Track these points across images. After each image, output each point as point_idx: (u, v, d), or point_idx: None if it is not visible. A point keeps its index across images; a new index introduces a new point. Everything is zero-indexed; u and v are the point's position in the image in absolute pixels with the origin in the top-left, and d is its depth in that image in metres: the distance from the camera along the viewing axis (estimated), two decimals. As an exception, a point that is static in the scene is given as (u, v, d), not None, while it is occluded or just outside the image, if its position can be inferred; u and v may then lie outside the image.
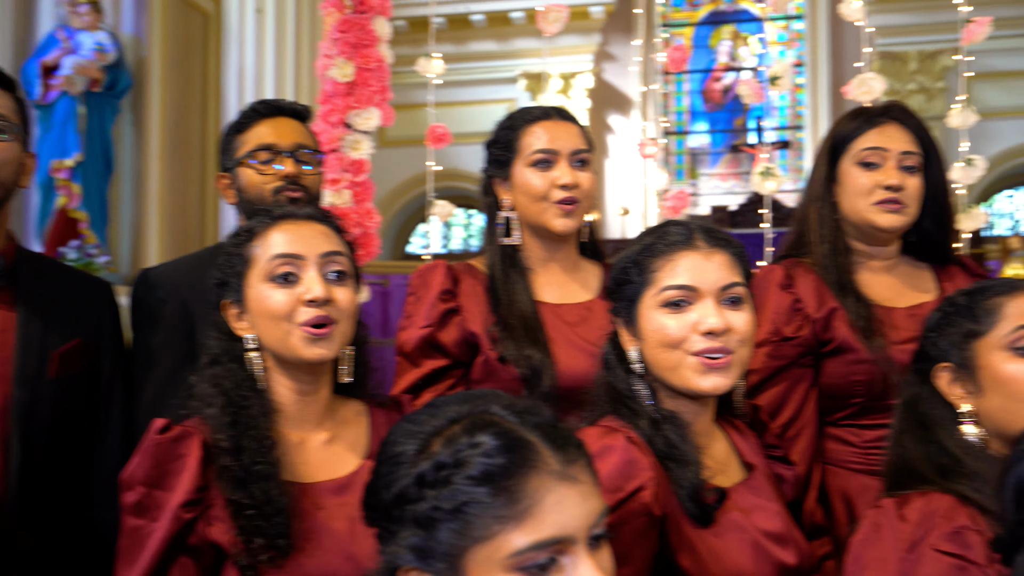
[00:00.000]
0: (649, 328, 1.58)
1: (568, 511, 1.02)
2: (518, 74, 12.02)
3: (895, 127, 2.13)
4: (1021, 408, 1.43)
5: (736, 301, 1.58)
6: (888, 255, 2.18)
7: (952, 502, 1.40)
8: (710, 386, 1.55)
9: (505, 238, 2.17)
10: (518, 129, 2.16)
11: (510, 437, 1.03)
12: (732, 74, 12.68)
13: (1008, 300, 1.49)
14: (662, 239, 1.61)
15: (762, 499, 1.63)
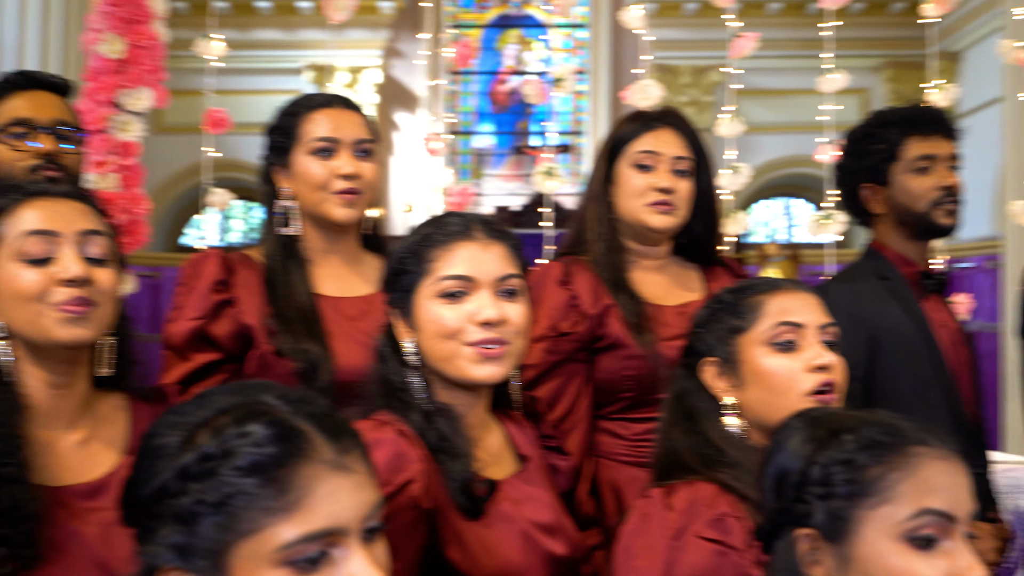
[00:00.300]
0: (425, 318, 1.57)
1: (341, 502, 0.98)
2: (303, 65, 11.76)
3: (670, 132, 2.21)
4: (779, 400, 1.51)
5: (512, 293, 1.59)
6: (659, 255, 2.27)
7: (715, 490, 1.46)
8: (484, 375, 1.55)
9: (284, 228, 2.10)
10: (299, 116, 2.10)
11: (281, 426, 0.98)
12: (518, 77, 12.92)
13: (768, 298, 1.57)
14: (440, 229, 1.60)
15: (534, 490, 1.64)
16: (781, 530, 1.15)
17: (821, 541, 1.13)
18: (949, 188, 2.29)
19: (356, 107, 2.16)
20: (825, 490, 1.12)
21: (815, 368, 1.51)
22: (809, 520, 1.12)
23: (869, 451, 1.12)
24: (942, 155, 2.31)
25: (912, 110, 2.35)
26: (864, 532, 1.10)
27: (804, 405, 1.48)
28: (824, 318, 1.57)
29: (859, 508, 1.10)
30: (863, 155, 2.36)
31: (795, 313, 1.55)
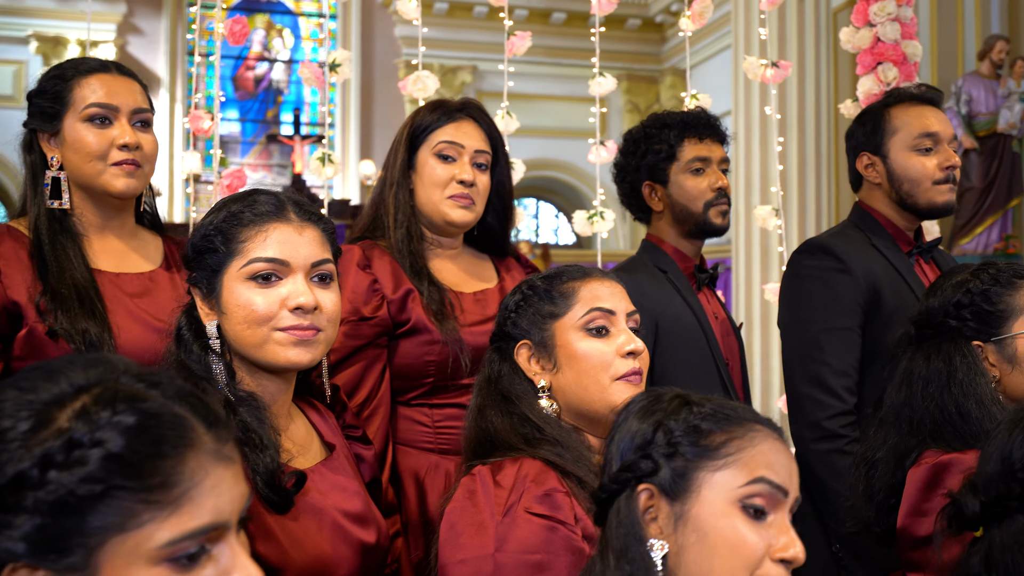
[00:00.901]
0: (233, 302, 1.51)
1: (224, 494, 0.92)
2: (29, 34, 10.87)
3: (471, 124, 2.25)
4: (591, 383, 1.57)
5: (325, 279, 1.56)
6: (454, 244, 2.30)
7: (540, 467, 1.50)
8: (296, 358, 1.51)
9: (52, 200, 1.96)
10: (71, 80, 1.96)
11: (159, 412, 0.90)
12: (265, 64, 12.57)
13: (581, 285, 1.63)
14: (250, 208, 1.54)
15: (342, 479, 1.62)
16: (620, 491, 1.20)
17: (659, 498, 1.19)
18: (721, 189, 2.47)
19: (133, 74, 2.04)
20: (670, 450, 1.18)
21: (627, 353, 1.58)
22: (651, 477, 1.19)
23: (715, 420, 1.20)
24: (715, 157, 2.49)
25: (688, 115, 2.52)
26: (703, 493, 1.17)
27: (614, 389, 1.57)
28: (630, 306, 1.65)
29: (701, 469, 1.17)
30: (644, 154, 2.50)
31: (606, 300, 1.61)
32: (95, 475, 0.86)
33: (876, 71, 3.56)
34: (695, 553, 1.16)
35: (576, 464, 1.51)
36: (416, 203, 2.23)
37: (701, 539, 1.16)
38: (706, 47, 11.59)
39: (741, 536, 1.16)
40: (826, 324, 2.29)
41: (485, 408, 1.62)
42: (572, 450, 1.53)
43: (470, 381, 2.11)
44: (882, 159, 2.42)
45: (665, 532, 1.18)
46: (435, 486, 2.11)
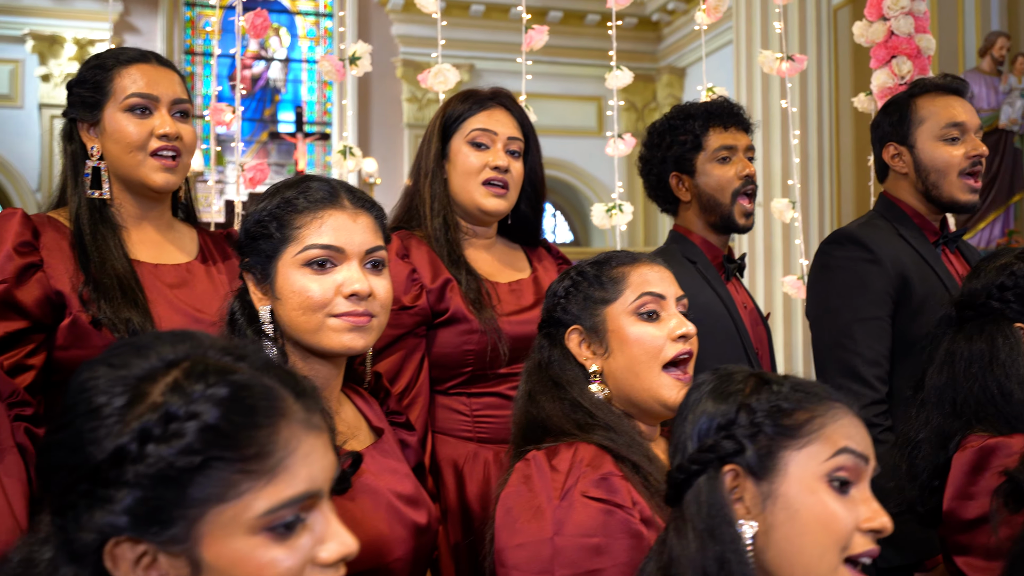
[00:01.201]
0: (289, 288, 1.52)
1: (316, 463, 0.94)
2: (25, 33, 10.84)
3: (503, 112, 2.26)
4: (643, 367, 1.58)
5: (378, 265, 1.57)
6: (489, 234, 2.31)
7: (596, 451, 1.51)
8: (350, 343, 1.52)
9: (92, 190, 1.96)
10: (111, 69, 1.97)
11: (250, 384, 0.92)
12: (262, 63, 12.56)
13: (631, 270, 1.64)
14: (304, 194, 1.55)
15: (392, 462, 1.63)
16: (700, 473, 1.21)
17: (745, 478, 1.20)
18: (749, 176, 2.49)
19: (172, 64, 2.05)
20: (753, 430, 1.20)
21: (678, 337, 1.60)
22: (736, 457, 1.20)
23: (796, 399, 1.21)
24: (741, 145, 2.51)
25: (712, 104, 2.54)
26: (790, 470, 1.18)
27: (663, 382, 1.58)
28: (679, 290, 1.66)
29: (786, 448, 1.19)
30: (670, 146, 2.52)
31: (656, 284, 1.63)
32: (193, 447, 0.88)
33: (890, 64, 3.59)
34: (785, 531, 1.17)
35: (630, 449, 1.52)
36: (451, 192, 2.24)
37: (791, 517, 1.17)
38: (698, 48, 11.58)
39: (831, 512, 1.17)
40: (857, 314, 2.31)
41: (536, 394, 1.63)
42: (624, 435, 1.55)
43: (508, 370, 2.14)
44: (909, 149, 2.44)
45: (753, 512, 1.19)
46: (474, 474, 2.12)
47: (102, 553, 0.90)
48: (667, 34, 13.05)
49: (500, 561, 1.49)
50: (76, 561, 0.91)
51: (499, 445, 2.14)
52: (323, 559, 0.94)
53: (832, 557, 1.17)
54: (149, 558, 0.90)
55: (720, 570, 1.15)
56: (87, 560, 0.90)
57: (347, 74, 3.29)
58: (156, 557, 0.90)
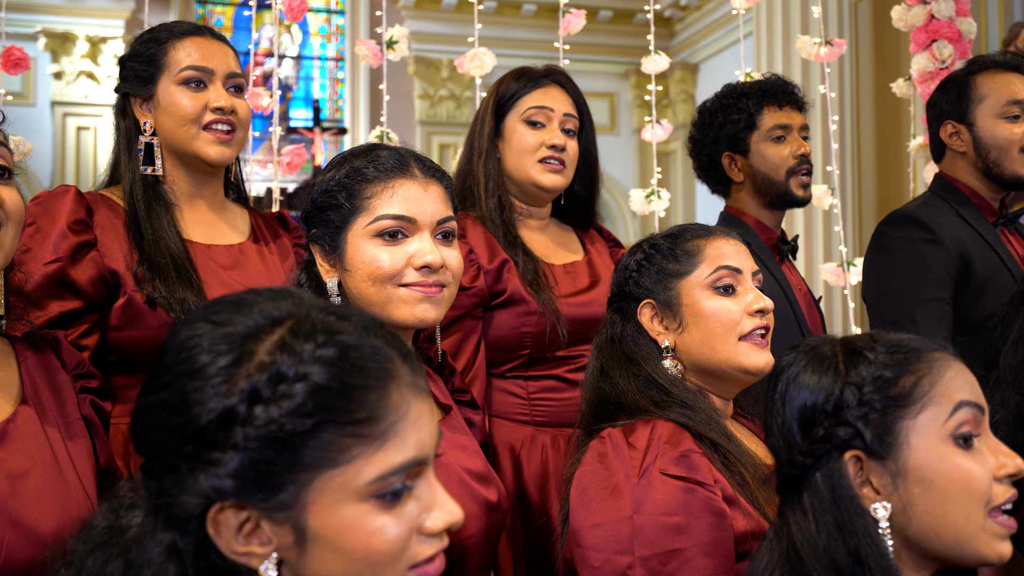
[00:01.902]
0: (359, 259, 1.48)
1: (425, 428, 0.89)
2: (38, 31, 10.81)
3: (558, 89, 2.22)
4: (719, 341, 1.54)
5: (449, 236, 1.53)
6: (543, 215, 2.27)
7: (674, 428, 1.46)
8: (423, 314, 1.48)
9: (146, 167, 1.92)
10: (165, 43, 1.93)
11: (359, 344, 0.87)
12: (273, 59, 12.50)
13: (707, 243, 1.60)
14: (374, 163, 1.50)
15: (461, 438, 1.59)
16: (815, 465, 1.15)
17: (868, 461, 1.14)
18: (803, 155, 2.45)
19: (225, 39, 2.02)
20: (864, 409, 1.14)
21: (755, 311, 1.55)
22: (853, 443, 1.14)
23: (897, 364, 1.15)
24: (795, 124, 2.47)
25: (766, 82, 2.49)
26: (912, 441, 1.13)
27: (742, 348, 1.53)
28: (754, 264, 1.61)
29: (902, 419, 1.13)
30: (722, 125, 2.47)
31: (732, 258, 1.58)
32: (304, 409, 0.84)
33: (931, 49, 3.53)
34: (924, 504, 1.13)
35: (708, 426, 1.48)
36: (505, 171, 2.20)
37: (927, 489, 1.12)
38: (716, 40, 11.56)
39: (966, 471, 1.13)
40: (918, 296, 2.26)
41: (608, 370, 1.58)
42: (701, 412, 1.50)
43: (566, 352, 2.09)
44: (968, 127, 2.40)
45: (884, 493, 1.14)
46: (531, 459, 2.08)
47: (204, 520, 0.85)
48: (679, 30, 12.98)
49: (576, 541, 1.45)
50: (177, 527, 0.86)
51: (557, 429, 2.10)
52: (429, 528, 0.89)
53: (978, 515, 1.12)
54: (252, 524, 0.86)
55: (856, 565, 1.09)
56: (189, 527, 0.86)
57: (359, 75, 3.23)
58: (259, 523, 0.86)
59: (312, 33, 12.80)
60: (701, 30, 12.05)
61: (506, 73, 2.29)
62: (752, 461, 1.49)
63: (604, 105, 12.68)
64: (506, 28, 11.85)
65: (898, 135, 6.55)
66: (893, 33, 6.28)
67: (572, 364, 2.11)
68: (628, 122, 12.43)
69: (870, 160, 7.10)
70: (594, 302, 2.13)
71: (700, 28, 12.04)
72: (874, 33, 6.87)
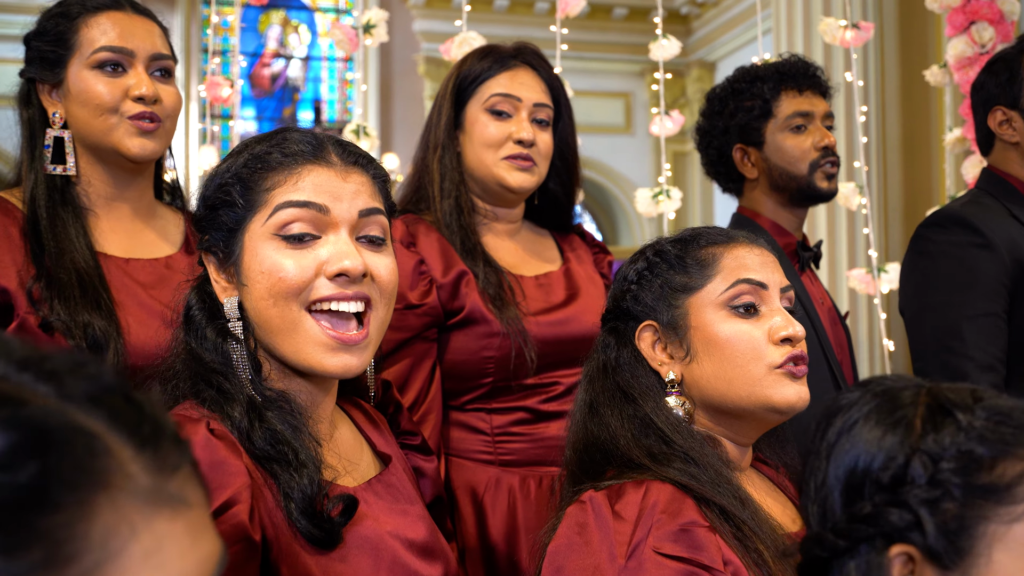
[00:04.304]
0: (256, 268, 1.13)
1: (171, 565, 0.52)
2: (39, 32, 10.61)
3: (528, 73, 1.87)
4: (737, 375, 1.20)
5: (377, 241, 1.17)
6: (513, 218, 1.93)
7: (672, 492, 1.12)
8: (339, 366, 1.12)
9: (54, 165, 1.60)
10: (76, 18, 1.61)
11: (48, 427, 0.50)
12: (281, 61, 12.30)
13: (724, 251, 1.26)
14: (280, 147, 1.15)
15: (401, 501, 1.23)
16: (850, 551, 0.81)
17: (924, 565, 0.80)
18: (827, 147, 2.09)
19: (151, 13, 1.68)
20: (935, 493, 0.79)
21: (782, 340, 1.21)
22: (909, 535, 0.80)
23: (998, 440, 0.80)
24: (818, 112, 2.11)
25: (783, 64, 2.13)
26: (996, 557, 0.78)
27: (771, 380, 1.20)
28: (784, 279, 1.28)
29: (988, 521, 0.78)
30: (733, 113, 2.12)
31: (756, 270, 1.25)
32: None
33: (969, 31, 3.17)
34: None
35: (715, 487, 1.13)
36: (465, 168, 1.86)
37: None
38: (734, 37, 11.25)
39: None
40: (965, 310, 1.89)
41: (599, 407, 1.25)
42: (709, 469, 1.15)
43: (535, 380, 1.77)
44: (1021, 113, 2.03)
45: None
46: (496, 505, 1.74)
47: None
48: (696, 27, 12.65)
49: None
50: None
51: (526, 469, 1.77)
52: None
53: None
54: None
55: None
56: None
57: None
58: None
59: (321, 33, 12.54)
60: (719, 27, 11.76)
61: (470, 52, 1.94)
62: (772, 532, 1.16)
63: (619, 105, 12.36)
64: (517, 27, 11.54)
65: (925, 127, 6.16)
66: (920, 17, 5.90)
67: (543, 394, 1.77)
68: (643, 122, 12.11)
69: (895, 155, 6.70)
70: (571, 320, 1.79)
71: (717, 25, 11.75)
72: (900, 17, 6.47)
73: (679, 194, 2.91)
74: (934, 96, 5.82)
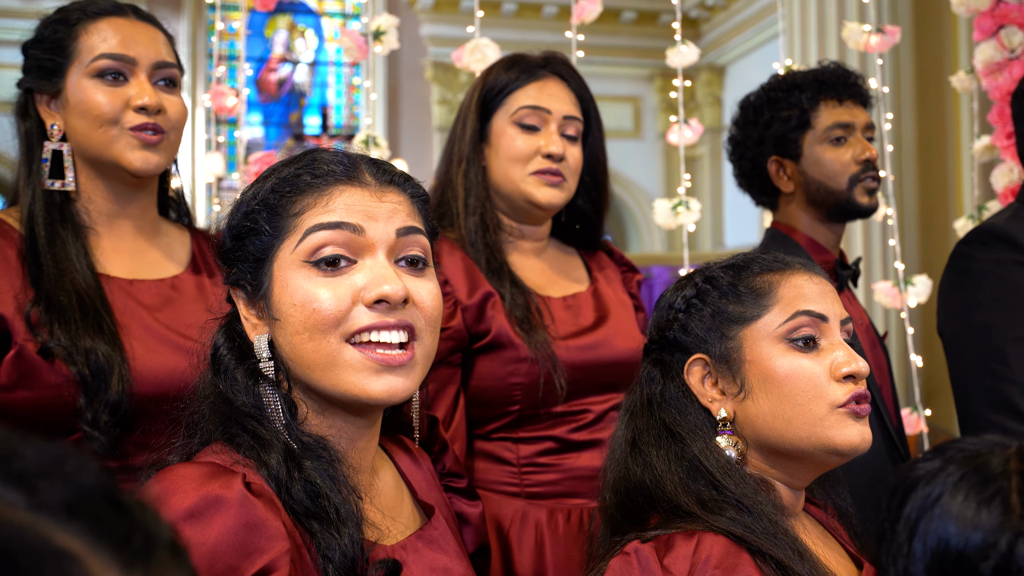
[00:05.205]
0: (288, 301, 1.04)
1: None
2: (44, 38, 10.56)
3: (557, 84, 1.79)
4: (797, 413, 1.12)
5: (417, 263, 1.09)
6: (540, 236, 1.84)
7: (726, 545, 1.04)
8: (384, 390, 1.03)
9: (52, 180, 1.52)
10: (75, 25, 1.53)
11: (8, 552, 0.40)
12: (288, 66, 12.25)
13: (782, 279, 1.18)
14: (310, 169, 1.07)
15: (444, 558, 1.14)
16: None
17: None
18: (868, 160, 2.00)
19: (155, 20, 1.61)
20: None
21: (844, 376, 1.13)
22: None
23: None
24: (859, 123, 2.03)
25: (823, 72, 2.05)
26: None
27: (833, 421, 1.12)
28: (843, 311, 1.20)
29: None
30: (768, 124, 2.03)
31: (815, 301, 1.17)
32: None
33: (998, 36, 3.08)
34: None
35: (771, 539, 1.05)
36: (491, 183, 1.78)
37: None
38: (744, 41, 11.18)
39: None
40: (1010, 332, 1.80)
41: (641, 445, 1.17)
42: (763, 517, 1.07)
43: (566, 408, 1.68)
44: None
45: None
46: (523, 542, 1.66)
47: None
48: (706, 31, 12.57)
49: None
50: None
51: (554, 502, 1.68)
52: None
53: None
54: None
55: None
56: None
57: (376, 81, 2.82)
58: None
59: (327, 38, 12.48)
60: (728, 31, 11.68)
61: (496, 61, 1.86)
62: None
63: (628, 109, 12.28)
64: (526, 31, 11.47)
65: (942, 135, 6.06)
66: (937, 22, 5.81)
67: (573, 422, 1.69)
68: (653, 126, 12.03)
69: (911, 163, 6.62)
70: (601, 344, 1.71)
71: (727, 28, 11.67)
72: (915, 22, 6.38)
73: (698, 205, 2.82)
74: (951, 103, 5.73)
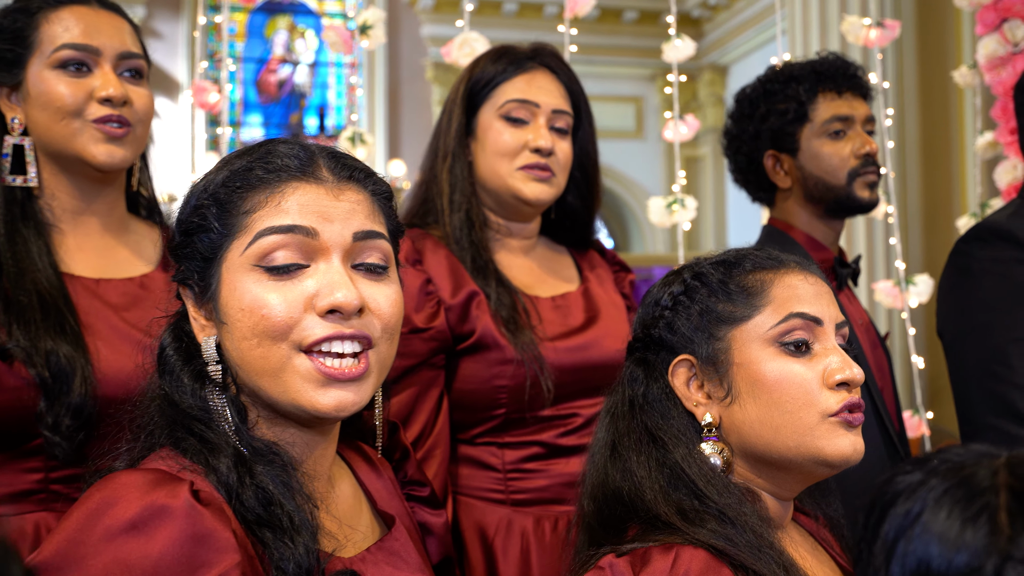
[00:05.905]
0: (236, 304, 0.98)
1: None
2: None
3: (546, 76, 1.74)
4: (786, 422, 1.07)
5: (376, 269, 1.02)
6: (529, 233, 1.79)
7: (705, 559, 0.98)
8: (332, 404, 0.97)
9: (14, 176, 1.48)
10: (36, 14, 1.49)
11: None
12: (288, 67, 12.22)
13: (775, 278, 1.12)
14: (264, 162, 1.01)
15: (406, 569, 1.08)
16: None
17: None
18: (868, 155, 1.95)
19: (119, 8, 1.55)
20: None
21: (838, 384, 1.07)
22: None
23: None
24: (858, 116, 1.97)
25: (821, 63, 1.99)
26: None
27: (824, 431, 1.06)
28: (839, 314, 1.14)
29: None
30: (765, 117, 1.98)
31: (810, 302, 1.11)
32: None
33: (1001, 30, 3.03)
34: None
35: (755, 553, 0.99)
36: (477, 179, 1.72)
37: None
38: (746, 40, 11.13)
39: None
40: (1012, 332, 1.74)
41: (622, 450, 1.12)
42: (747, 530, 1.01)
43: (553, 411, 1.63)
44: None
45: None
46: (508, 549, 1.60)
47: None
48: (708, 31, 12.53)
49: None
50: None
51: (540, 508, 1.63)
52: None
53: None
54: None
55: None
56: None
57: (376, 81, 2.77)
58: None
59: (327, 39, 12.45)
60: (731, 30, 11.64)
61: (483, 53, 1.80)
62: None
63: (630, 109, 12.23)
64: (526, 31, 11.43)
65: (945, 131, 6.00)
66: (940, 17, 5.74)
67: (561, 427, 1.64)
68: (655, 126, 11.99)
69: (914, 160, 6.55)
70: (591, 345, 1.66)
71: (729, 28, 11.63)
72: (918, 17, 6.32)
73: (694, 203, 2.77)
74: (954, 98, 5.67)
